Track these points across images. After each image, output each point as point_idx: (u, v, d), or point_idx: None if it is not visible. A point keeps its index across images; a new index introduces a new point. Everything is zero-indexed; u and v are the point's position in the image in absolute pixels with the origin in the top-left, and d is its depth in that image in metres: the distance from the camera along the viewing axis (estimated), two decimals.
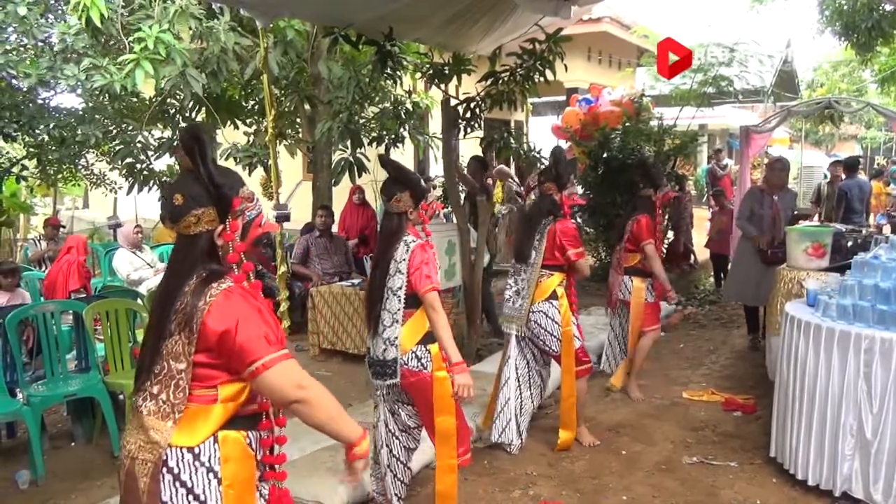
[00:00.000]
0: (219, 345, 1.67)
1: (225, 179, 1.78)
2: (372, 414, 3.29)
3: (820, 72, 23.05)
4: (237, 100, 8.72)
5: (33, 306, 4.46)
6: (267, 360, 1.67)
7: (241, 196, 1.81)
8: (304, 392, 1.70)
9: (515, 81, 6.98)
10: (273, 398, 1.74)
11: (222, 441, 1.74)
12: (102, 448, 4.29)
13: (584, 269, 3.90)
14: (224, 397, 1.72)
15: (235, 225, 1.80)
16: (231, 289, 1.71)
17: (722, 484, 3.56)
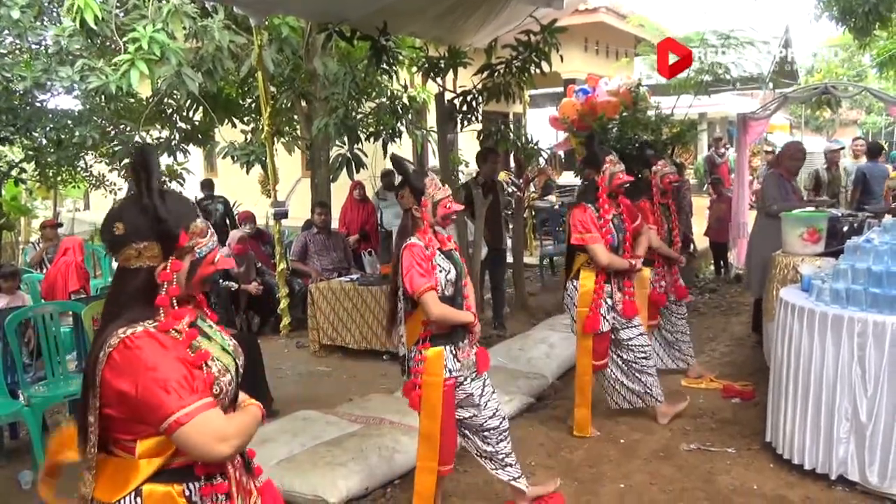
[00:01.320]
0: (121, 402, 1.51)
1: (171, 213, 1.58)
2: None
3: (819, 57, 22.97)
4: (234, 98, 8.73)
5: (32, 308, 4.49)
6: (180, 415, 1.48)
7: (191, 231, 1.62)
8: (227, 444, 1.54)
9: (512, 73, 7.00)
10: (194, 455, 1.55)
11: (146, 496, 1.58)
12: None
13: (597, 255, 3.79)
14: (142, 452, 1.56)
15: (178, 265, 1.60)
16: (136, 335, 1.51)
17: (719, 470, 3.58)
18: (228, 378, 1.66)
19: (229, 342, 1.75)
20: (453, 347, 2.94)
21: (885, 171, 8.65)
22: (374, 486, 3.51)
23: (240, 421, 1.64)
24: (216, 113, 8.28)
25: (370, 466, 3.53)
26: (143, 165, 1.57)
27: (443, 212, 2.93)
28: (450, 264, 2.95)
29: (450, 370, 2.93)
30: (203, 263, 1.66)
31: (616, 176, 3.84)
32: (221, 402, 1.62)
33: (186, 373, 1.53)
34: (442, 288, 2.88)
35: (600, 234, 3.81)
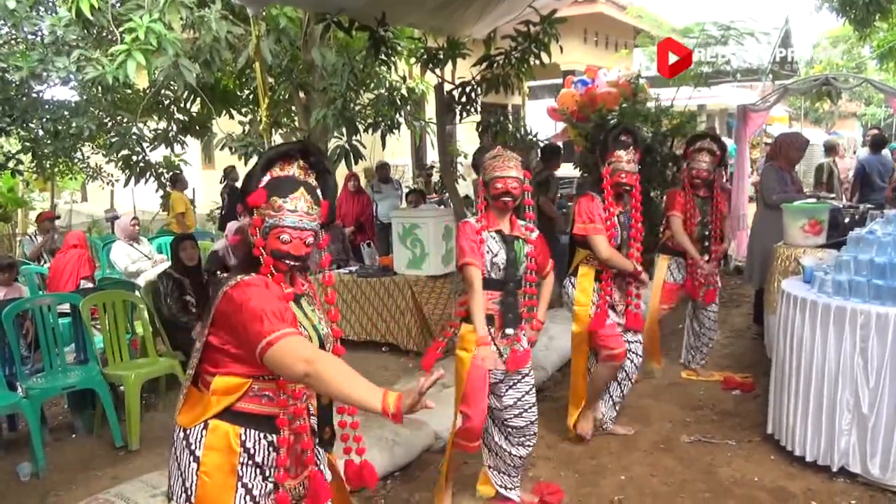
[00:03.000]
0: (227, 327, 1.77)
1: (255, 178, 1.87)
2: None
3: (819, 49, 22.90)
4: (232, 89, 8.67)
5: (29, 300, 4.47)
6: (271, 337, 1.69)
7: (270, 199, 1.84)
8: (310, 366, 1.66)
9: (511, 65, 6.95)
10: (282, 374, 1.75)
11: (211, 429, 1.82)
12: (103, 439, 4.31)
13: (598, 247, 3.60)
14: (215, 389, 1.81)
15: (258, 221, 1.84)
16: (250, 279, 1.79)
17: (720, 462, 3.58)
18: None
19: (323, 328, 1.93)
20: (492, 329, 2.94)
21: (890, 164, 8.62)
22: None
23: (334, 362, 1.74)
24: (214, 104, 8.22)
25: (370, 458, 3.48)
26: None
27: (493, 191, 2.93)
28: (500, 247, 2.93)
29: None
30: (271, 234, 1.83)
31: (619, 173, 3.61)
32: None
33: (281, 307, 1.75)
34: (487, 269, 2.91)
35: (605, 227, 3.63)
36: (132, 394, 4.18)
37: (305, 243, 1.84)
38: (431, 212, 6.23)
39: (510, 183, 2.89)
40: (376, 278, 5.75)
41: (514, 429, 3.11)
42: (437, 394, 4.43)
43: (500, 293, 2.94)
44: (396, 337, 5.65)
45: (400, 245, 5.70)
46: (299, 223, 1.83)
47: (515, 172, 2.91)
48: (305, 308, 1.92)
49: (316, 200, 1.87)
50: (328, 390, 1.74)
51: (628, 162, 3.61)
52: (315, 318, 1.93)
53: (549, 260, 3.18)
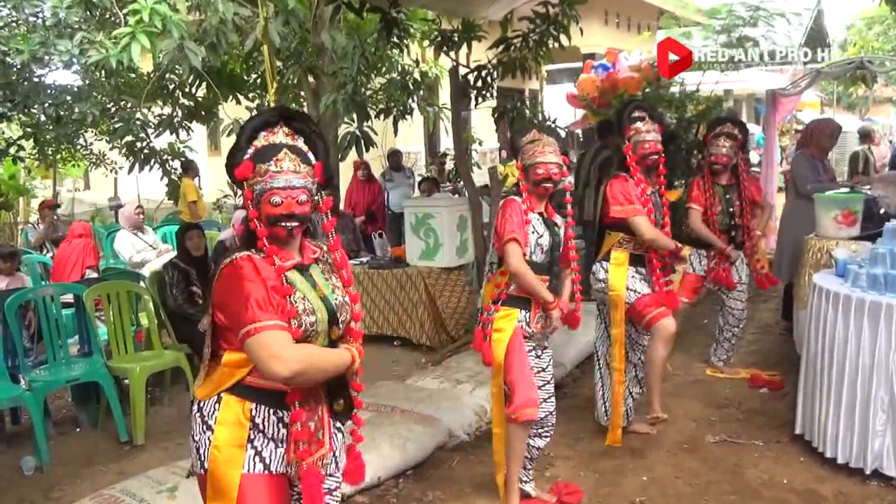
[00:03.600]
0: (222, 310, 1.84)
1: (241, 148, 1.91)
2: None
3: (853, 30, 22.59)
4: (238, 73, 8.69)
5: (32, 290, 4.51)
6: (250, 327, 1.74)
7: (257, 167, 1.87)
8: (284, 365, 1.72)
9: (528, 47, 6.91)
10: (257, 367, 1.78)
11: (224, 403, 1.89)
12: (108, 433, 4.35)
13: (641, 229, 3.54)
14: (226, 362, 1.88)
15: (248, 194, 1.87)
16: (242, 258, 1.83)
17: (746, 463, 3.56)
18: (313, 320, 1.86)
19: (337, 297, 1.94)
20: (528, 314, 2.99)
21: None
22: (386, 476, 3.51)
23: (309, 350, 1.82)
24: (220, 89, 8.24)
25: (382, 456, 3.52)
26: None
27: (533, 177, 2.96)
28: (545, 230, 2.99)
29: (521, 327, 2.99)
30: (262, 200, 1.85)
31: (641, 145, 3.56)
32: (301, 337, 1.83)
33: (266, 295, 1.77)
34: (531, 250, 2.95)
35: (643, 204, 3.57)
36: (137, 387, 4.21)
37: (298, 201, 1.85)
38: (445, 201, 6.23)
39: (551, 169, 2.94)
40: (388, 270, 5.75)
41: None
42: (451, 389, 4.46)
43: (546, 276, 3.00)
44: (409, 331, 5.66)
45: (412, 235, 5.70)
46: (287, 182, 1.85)
47: (555, 158, 2.96)
48: (316, 277, 1.94)
49: (304, 160, 1.90)
50: (314, 378, 1.85)
51: (647, 132, 3.58)
52: (328, 288, 1.94)
53: (572, 255, 3.18)
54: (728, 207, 4.57)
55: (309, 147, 1.94)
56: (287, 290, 1.83)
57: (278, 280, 1.83)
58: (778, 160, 8.96)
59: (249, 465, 1.87)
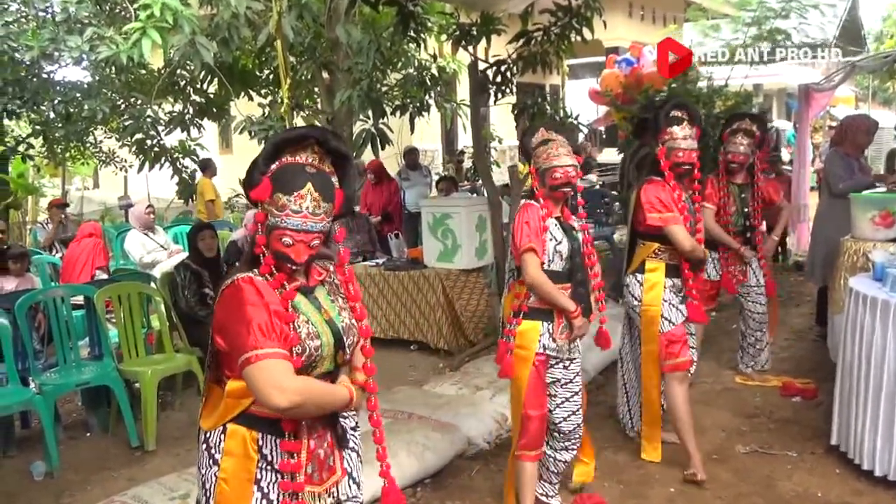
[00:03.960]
0: (222, 333, 1.80)
1: (261, 167, 1.85)
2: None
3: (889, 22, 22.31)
4: (251, 69, 8.75)
5: (42, 291, 4.58)
6: (250, 354, 1.70)
7: (276, 195, 1.79)
8: (283, 396, 1.68)
9: (550, 41, 6.90)
10: (256, 397, 1.75)
11: (229, 434, 1.86)
12: (118, 438, 4.41)
13: (679, 238, 3.43)
14: (230, 391, 1.83)
15: (261, 216, 1.82)
16: (244, 279, 1.79)
17: (779, 475, 3.53)
18: (317, 344, 1.83)
19: (344, 319, 1.92)
20: (551, 326, 2.96)
21: None
22: (403, 484, 3.51)
23: (309, 384, 1.78)
24: (232, 85, 8.29)
25: (399, 464, 3.53)
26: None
27: (550, 181, 2.92)
28: (564, 236, 2.95)
29: (543, 346, 2.96)
30: (273, 234, 1.80)
31: (675, 152, 3.45)
32: (304, 364, 1.80)
33: (269, 321, 1.74)
34: (549, 258, 2.91)
35: (679, 211, 3.48)
36: (149, 392, 4.26)
37: (309, 246, 1.80)
38: (464, 200, 6.23)
39: (569, 172, 2.90)
40: (404, 272, 5.77)
41: (560, 433, 3.11)
42: (470, 395, 4.46)
43: (570, 284, 2.96)
44: (426, 334, 5.67)
45: (430, 236, 5.71)
46: (303, 225, 1.78)
47: (570, 159, 2.92)
48: (322, 299, 1.92)
49: (326, 195, 1.81)
50: (311, 412, 1.82)
51: (684, 138, 3.46)
52: (334, 310, 1.91)
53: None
54: (743, 207, 4.54)
55: (337, 171, 1.89)
56: (290, 317, 1.80)
57: (282, 305, 1.79)
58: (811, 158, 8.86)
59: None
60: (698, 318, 3.62)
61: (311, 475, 1.89)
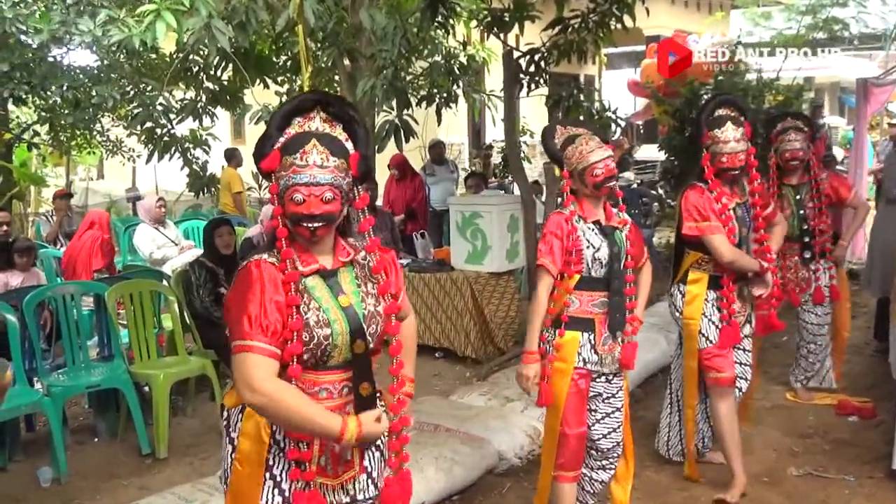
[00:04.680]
0: (227, 315, 1.88)
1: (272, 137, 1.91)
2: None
3: None
4: (267, 55, 8.80)
5: (51, 287, 4.65)
6: (237, 344, 1.80)
7: (283, 159, 1.87)
8: (252, 395, 1.76)
9: (587, 29, 6.89)
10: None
11: (247, 415, 1.92)
12: (128, 445, 4.47)
13: (718, 249, 3.39)
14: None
15: (274, 187, 1.89)
16: (255, 262, 1.87)
17: (835, 500, 3.51)
18: (327, 332, 1.85)
19: (368, 306, 1.93)
20: (592, 336, 2.95)
21: None
22: (430, 501, 3.54)
23: (282, 393, 1.78)
24: (247, 72, 8.35)
25: (427, 479, 3.55)
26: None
27: (592, 180, 2.90)
28: (601, 241, 2.93)
29: (584, 360, 2.95)
30: (286, 197, 1.84)
31: (719, 157, 3.40)
32: (312, 353, 1.85)
33: (261, 312, 1.80)
34: (587, 267, 2.91)
35: (721, 223, 3.43)
36: (161, 396, 4.31)
37: (322, 199, 1.83)
38: (495, 199, 6.23)
39: (609, 164, 2.89)
40: (430, 274, 5.79)
41: (598, 451, 3.11)
42: (500, 407, 4.47)
43: (606, 293, 2.95)
44: (452, 341, 5.68)
45: (458, 236, 5.73)
46: (312, 178, 1.83)
47: (604, 151, 2.91)
48: (346, 283, 1.93)
49: (335, 151, 1.87)
50: (279, 422, 1.84)
51: (726, 141, 3.39)
52: (357, 296, 1.93)
53: (644, 249, 3.15)
54: (799, 210, 4.49)
55: (348, 135, 1.93)
56: (294, 301, 1.83)
57: (286, 289, 1.83)
58: (869, 158, 8.75)
59: (267, 496, 1.89)
60: (731, 339, 3.55)
61: (325, 467, 1.92)
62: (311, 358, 1.86)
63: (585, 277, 2.91)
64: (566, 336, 2.95)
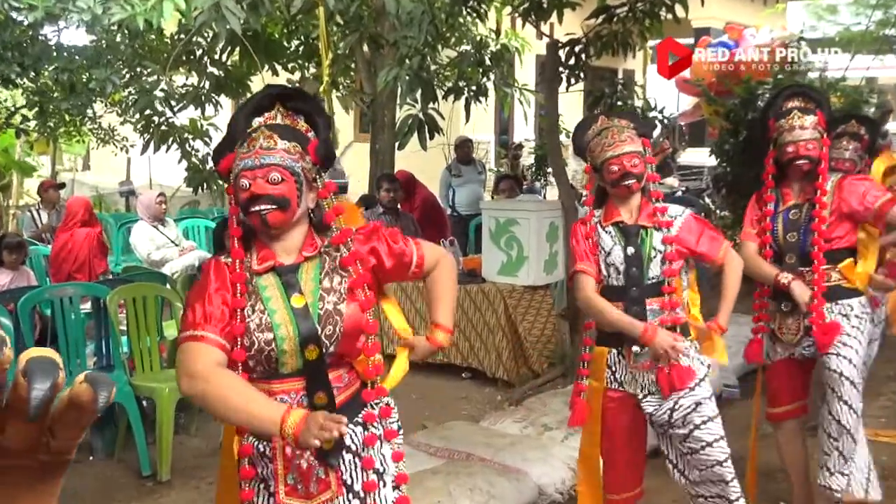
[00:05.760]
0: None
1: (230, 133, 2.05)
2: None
3: None
4: (278, 39, 8.86)
5: (48, 289, 4.69)
6: (180, 336, 1.94)
7: (237, 151, 1.98)
8: (190, 384, 1.85)
9: (635, 19, 6.90)
10: None
11: (226, 430, 2.08)
12: (126, 464, 4.49)
13: (741, 254, 3.29)
14: None
15: (231, 189, 2.01)
16: (206, 263, 2.06)
17: None
18: (269, 337, 1.90)
19: (327, 305, 1.95)
20: (623, 351, 2.91)
21: None
22: None
23: (220, 379, 1.84)
24: (256, 56, 8.40)
25: None
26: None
27: (608, 176, 2.84)
28: (615, 243, 2.89)
29: (618, 380, 2.93)
30: (236, 190, 1.93)
31: (784, 147, 3.27)
32: (258, 360, 1.91)
33: (206, 304, 1.90)
34: (604, 275, 2.89)
35: (759, 228, 3.45)
36: (165, 412, 4.33)
37: (268, 180, 1.88)
38: (533, 204, 6.26)
39: (627, 161, 2.79)
40: (460, 285, 5.75)
41: (706, 467, 2.91)
42: (537, 436, 4.47)
43: (622, 303, 2.86)
44: (482, 361, 5.68)
45: (491, 245, 5.74)
46: (255, 161, 1.90)
47: (631, 146, 2.81)
48: (307, 279, 1.98)
49: (286, 135, 1.94)
50: (220, 415, 1.91)
51: (790, 129, 3.26)
52: (316, 294, 1.96)
53: (720, 243, 2.98)
54: None
55: (309, 126, 2.03)
56: (238, 304, 1.91)
57: (233, 291, 1.92)
58: None
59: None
60: (752, 357, 3.59)
61: (295, 486, 1.94)
62: (258, 365, 1.91)
63: (606, 286, 2.90)
64: (595, 350, 2.98)
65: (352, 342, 1.99)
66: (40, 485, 0.73)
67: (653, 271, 2.86)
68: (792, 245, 3.40)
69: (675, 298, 2.86)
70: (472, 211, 8.23)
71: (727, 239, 3.27)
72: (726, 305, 3.05)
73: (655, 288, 2.86)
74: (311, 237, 2.01)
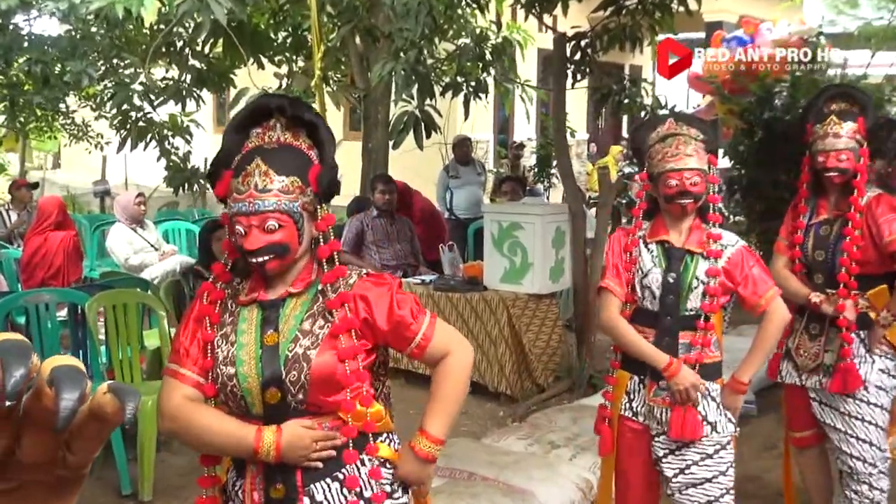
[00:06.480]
0: None
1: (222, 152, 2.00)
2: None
3: None
4: (264, 30, 8.87)
5: (23, 295, 4.68)
6: (166, 367, 2.03)
7: (234, 181, 1.96)
8: (162, 420, 1.98)
9: (645, 11, 6.93)
10: None
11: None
12: (104, 482, 4.46)
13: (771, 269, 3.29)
14: None
15: (225, 217, 1.97)
16: (200, 287, 2.08)
17: None
18: (230, 372, 1.91)
19: (298, 348, 1.91)
20: (644, 380, 2.87)
21: None
22: None
23: (189, 414, 1.91)
24: (242, 48, 8.41)
25: None
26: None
27: (664, 190, 2.76)
28: (655, 264, 2.82)
29: (633, 410, 2.90)
30: (232, 230, 1.89)
31: (817, 157, 3.22)
32: (227, 395, 1.94)
33: (184, 339, 1.98)
34: (639, 296, 2.85)
35: (790, 241, 3.45)
36: (148, 428, 4.32)
37: (265, 229, 1.84)
38: (538, 208, 6.28)
39: (688, 178, 2.69)
40: (460, 293, 5.80)
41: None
42: (543, 455, 4.48)
43: (654, 331, 2.82)
44: (483, 374, 5.69)
45: (494, 250, 5.75)
46: (249, 206, 1.84)
47: (696, 162, 2.71)
48: (286, 316, 1.96)
49: (283, 168, 1.87)
50: (197, 447, 2.03)
51: (824, 136, 3.20)
52: (291, 333, 1.92)
53: (766, 288, 2.82)
54: None
55: (313, 142, 1.95)
56: (208, 336, 1.96)
57: (213, 321, 1.98)
58: None
59: None
60: (775, 373, 3.58)
61: None
62: (228, 400, 1.94)
63: (639, 308, 2.86)
64: (617, 373, 2.96)
65: (323, 392, 1.90)
66: (55, 501, 0.73)
67: (692, 303, 2.79)
68: (819, 264, 3.35)
69: (709, 336, 2.78)
70: (470, 214, 8.26)
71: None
72: (754, 359, 2.90)
73: (691, 321, 2.79)
74: (307, 271, 1.97)
